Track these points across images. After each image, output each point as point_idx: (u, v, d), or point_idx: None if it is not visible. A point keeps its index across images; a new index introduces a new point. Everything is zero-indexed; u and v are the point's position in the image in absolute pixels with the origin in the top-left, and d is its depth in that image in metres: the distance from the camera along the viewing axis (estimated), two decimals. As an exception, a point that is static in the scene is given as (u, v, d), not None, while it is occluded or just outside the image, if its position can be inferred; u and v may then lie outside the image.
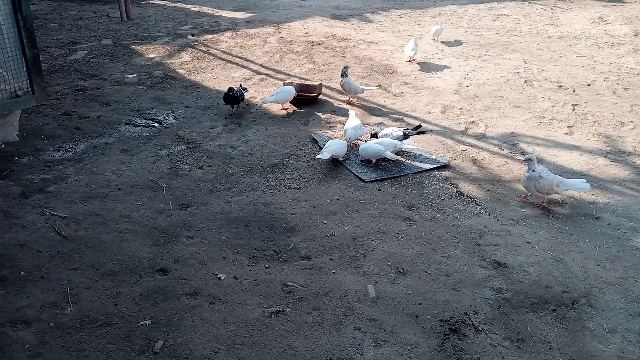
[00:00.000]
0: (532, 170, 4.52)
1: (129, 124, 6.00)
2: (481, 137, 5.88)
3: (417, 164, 5.26)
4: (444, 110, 6.55)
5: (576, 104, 6.68)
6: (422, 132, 5.52)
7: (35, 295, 3.41)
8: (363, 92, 6.67)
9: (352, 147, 5.51)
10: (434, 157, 5.39)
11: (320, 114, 6.43)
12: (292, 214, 4.38)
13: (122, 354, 3.02)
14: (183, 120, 6.15)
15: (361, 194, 4.74)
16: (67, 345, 3.06)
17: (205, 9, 11.55)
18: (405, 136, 5.37)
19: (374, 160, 5.19)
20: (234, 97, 6.23)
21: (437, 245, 4.07)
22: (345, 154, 5.26)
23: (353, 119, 5.62)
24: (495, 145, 5.68)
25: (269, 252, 3.92)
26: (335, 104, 6.75)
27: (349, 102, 6.73)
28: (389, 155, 5.13)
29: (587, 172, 5.16)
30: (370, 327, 3.26)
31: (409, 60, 8.12)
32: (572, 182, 4.62)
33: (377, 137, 5.38)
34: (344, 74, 6.52)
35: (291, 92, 6.36)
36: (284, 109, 6.52)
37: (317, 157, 5.08)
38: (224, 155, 5.35)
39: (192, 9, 11.59)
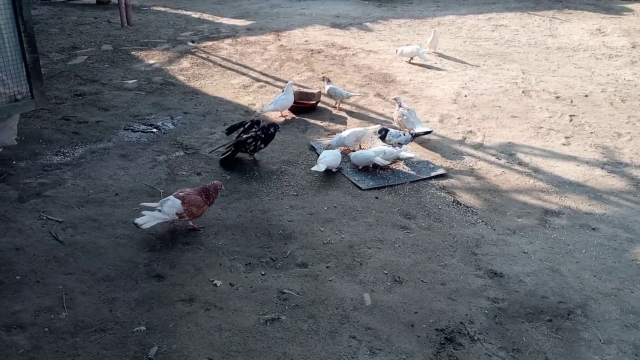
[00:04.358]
0: (400, 107, 5.98)
1: (128, 129, 6.00)
2: (479, 146, 5.90)
3: (415, 172, 5.28)
4: (442, 119, 6.57)
5: (573, 115, 6.71)
6: (428, 132, 5.81)
7: (30, 300, 3.40)
8: (348, 97, 6.88)
9: (347, 152, 5.55)
10: (431, 165, 5.41)
11: (318, 122, 6.45)
12: (289, 221, 4.39)
13: (116, 359, 3.01)
14: (182, 126, 6.16)
15: (358, 202, 4.74)
16: (62, 350, 3.05)
17: (205, 16, 11.61)
18: (413, 137, 5.64)
19: (370, 166, 5.23)
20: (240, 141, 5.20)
21: (433, 254, 4.07)
22: (340, 163, 5.27)
23: (361, 129, 5.73)
24: (493, 155, 5.70)
25: (265, 259, 3.92)
26: (333, 112, 6.77)
27: (339, 108, 6.84)
28: (379, 160, 5.16)
29: (584, 183, 5.18)
30: (366, 336, 3.26)
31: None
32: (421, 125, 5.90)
33: (384, 137, 5.50)
34: (328, 81, 6.86)
35: (290, 99, 6.39)
36: (282, 116, 6.54)
37: (312, 169, 5.08)
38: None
39: (192, 15, 11.64)
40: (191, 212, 4.04)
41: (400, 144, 5.48)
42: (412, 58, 8.68)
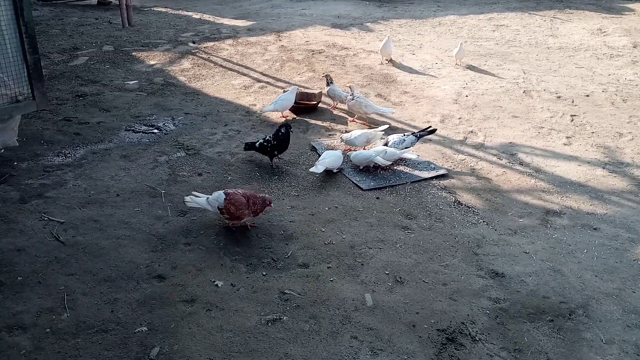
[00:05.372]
0: (353, 98, 6.25)
1: (129, 130, 6.01)
2: (480, 146, 5.90)
3: (416, 172, 5.27)
4: (443, 119, 6.57)
5: (575, 115, 6.70)
6: (433, 131, 5.75)
7: (31, 301, 3.41)
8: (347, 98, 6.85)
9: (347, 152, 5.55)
10: (432, 166, 5.40)
11: (319, 122, 6.45)
12: (290, 221, 4.39)
13: (117, 360, 3.01)
14: (183, 127, 6.17)
15: (360, 202, 4.74)
16: (63, 351, 3.05)
17: (206, 17, 11.61)
18: (418, 138, 5.58)
19: (371, 166, 5.23)
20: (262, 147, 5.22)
21: (434, 254, 4.07)
22: (341, 165, 5.26)
23: (371, 131, 5.74)
24: (494, 155, 5.69)
25: (266, 260, 3.92)
26: (334, 113, 6.77)
27: (333, 107, 6.89)
28: (380, 160, 5.16)
29: (586, 183, 5.17)
30: (367, 336, 3.26)
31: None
32: (379, 108, 6.41)
33: (387, 146, 5.44)
34: (329, 83, 6.85)
35: (290, 99, 6.38)
36: (283, 116, 6.54)
37: (310, 170, 5.07)
38: (223, 162, 5.35)
39: (193, 16, 11.65)
40: (229, 210, 4.04)
41: (407, 148, 5.47)
42: (385, 58, 8.64)
